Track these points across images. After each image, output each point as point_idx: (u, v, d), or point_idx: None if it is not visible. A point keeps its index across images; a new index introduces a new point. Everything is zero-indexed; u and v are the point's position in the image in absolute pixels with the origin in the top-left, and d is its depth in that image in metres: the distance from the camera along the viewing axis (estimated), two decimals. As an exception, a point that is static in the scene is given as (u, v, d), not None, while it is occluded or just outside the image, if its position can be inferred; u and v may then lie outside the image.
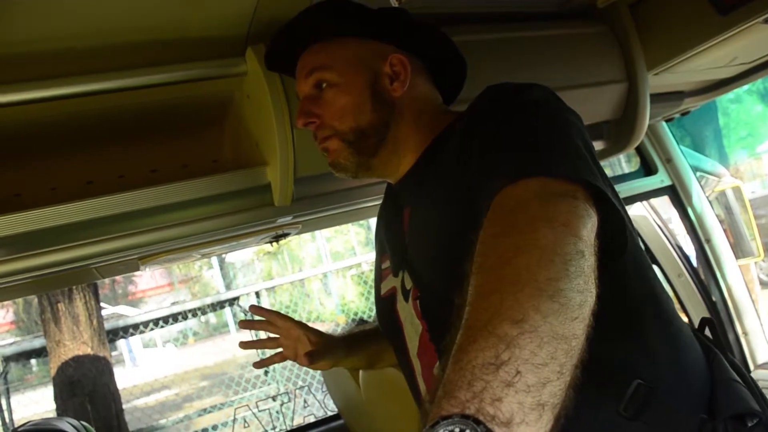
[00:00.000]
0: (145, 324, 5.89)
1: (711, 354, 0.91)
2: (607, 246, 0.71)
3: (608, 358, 0.80)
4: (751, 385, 0.89)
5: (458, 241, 0.85)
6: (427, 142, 1.01)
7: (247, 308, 1.50)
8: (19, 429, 1.33)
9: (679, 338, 0.88)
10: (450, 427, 0.51)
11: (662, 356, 0.84)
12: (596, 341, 0.62)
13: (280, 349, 1.28)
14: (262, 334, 1.31)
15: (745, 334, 2.24)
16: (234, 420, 3.83)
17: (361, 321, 2.02)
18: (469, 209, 0.83)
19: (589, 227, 0.68)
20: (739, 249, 2.27)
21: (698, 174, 2.24)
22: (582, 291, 0.61)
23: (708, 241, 2.23)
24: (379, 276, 1.14)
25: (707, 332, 1.00)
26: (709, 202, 2.23)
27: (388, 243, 1.10)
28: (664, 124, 2.18)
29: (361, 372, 1.55)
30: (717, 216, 2.24)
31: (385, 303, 1.09)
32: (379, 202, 1.23)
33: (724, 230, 2.25)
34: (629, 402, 0.79)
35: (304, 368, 5.91)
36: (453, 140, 0.92)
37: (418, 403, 1.08)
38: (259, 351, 6.28)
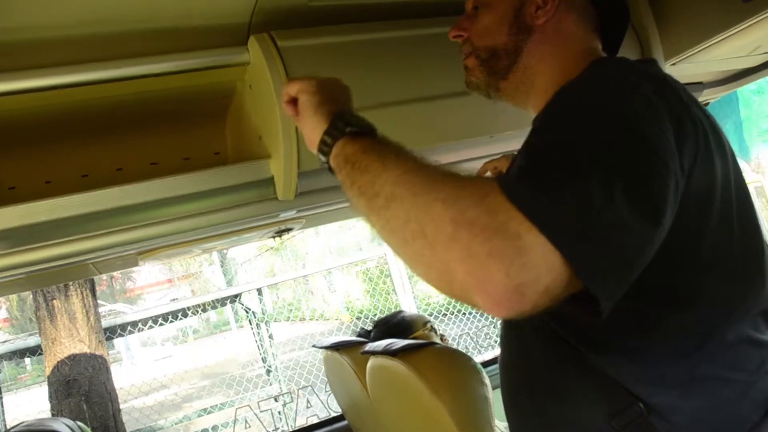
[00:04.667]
0: (144, 322, 5.86)
1: None
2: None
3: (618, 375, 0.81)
4: None
5: None
6: (560, 83, 0.94)
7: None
8: (12, 430, 1.30)
9: (732, 378, 0.80)
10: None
11: (683, 387, 0.80)
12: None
13: None
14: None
15: None
16: (235, 420, 3.80)
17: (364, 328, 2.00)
18: None
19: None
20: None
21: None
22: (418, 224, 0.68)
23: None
24: None
25: None
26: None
27: None
28: (681, 117, 2.14)
29: (367, 372, 1.53)
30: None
31: None
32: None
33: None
34: (619, 414, 0.80)
35: (307, 368, 5.90)
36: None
37: None
38: (261, 352, 6.25)
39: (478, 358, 2.90)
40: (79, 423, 1.50)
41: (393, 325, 1.77)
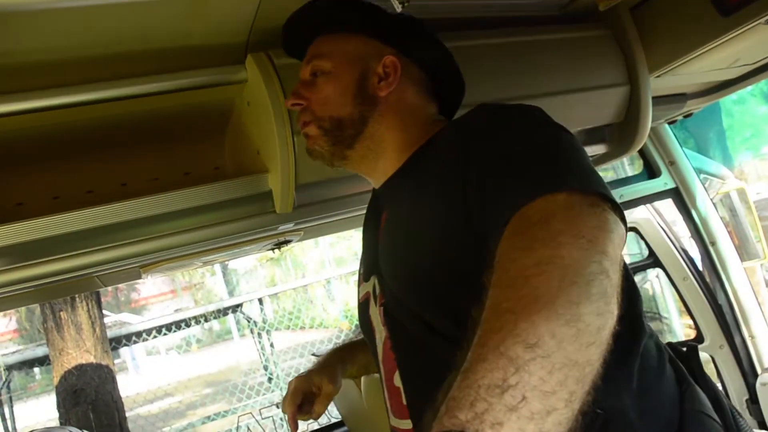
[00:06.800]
0: (148, 332, 5.89)
1: (684, 384, 0.87)
2: None
3: None
4: (728, 419, 0.86)
5: (429, 254, 0.86)
6: (411, 148, 1.01)
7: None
8: (22, 439, 1.32)
9: (651, 366, 0.85)
10: None
11: (628, 386, 0.81)
12: None
13: None
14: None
15: (752, 337, 2.22)
16: (237, 427, 3.81)
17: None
18: (450, 226, 0.82)
19: (617, 242, 0.66)
20: (745, 251, 2.26)
21: (702, 176, 2.23)
22: (602, 313, 0.59)
23: (713, 243, 2.21)
24: (359, 279, 1.14)
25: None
26: (714, 204, 2.22)
27: (364, 246, 1.12)
28: (667, 126, 2.17)
29: (363, 379, 1.55)
30: (722, 218, 2.23)
31: (361, 307, 1.10)
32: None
33: (729, 232, 2.24)
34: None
35: (308, 375, 5.92)
36: (440, 151, 0.92)
37: (386, 409, 1.07)
38: (263, 360, 6.24)
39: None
40: (86, 431, 1.52)
41: None
